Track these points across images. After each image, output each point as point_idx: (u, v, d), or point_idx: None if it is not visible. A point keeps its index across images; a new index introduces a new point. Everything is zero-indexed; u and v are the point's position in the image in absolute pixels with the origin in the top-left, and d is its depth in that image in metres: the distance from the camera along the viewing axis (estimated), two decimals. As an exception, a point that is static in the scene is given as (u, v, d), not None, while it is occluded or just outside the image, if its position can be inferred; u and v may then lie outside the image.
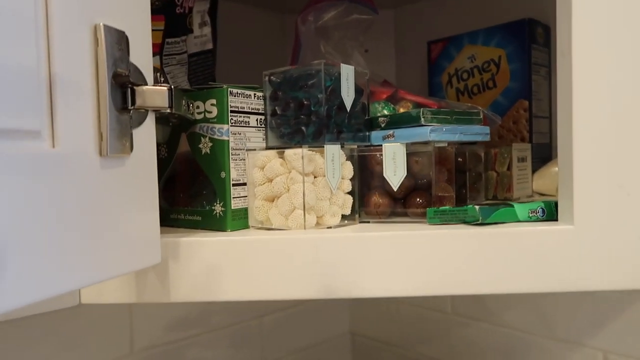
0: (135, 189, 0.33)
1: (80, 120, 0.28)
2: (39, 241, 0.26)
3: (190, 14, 0.52)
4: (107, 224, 0.31)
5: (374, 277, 0.36)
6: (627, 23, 0.34)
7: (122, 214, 0.32)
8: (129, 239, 0.33)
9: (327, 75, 0.41)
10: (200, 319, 0.76)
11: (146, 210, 0.34)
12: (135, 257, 0.34)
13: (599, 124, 0.34)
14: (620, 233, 0.34)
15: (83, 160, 0.29)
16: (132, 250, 0.33)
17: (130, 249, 0.33)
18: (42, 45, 0.26)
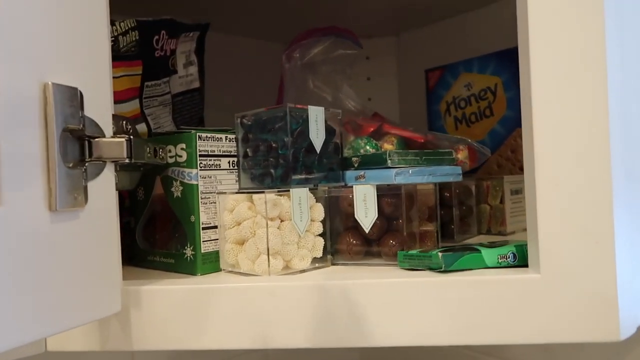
0: (93, 240, 0.34)
1: (28, 178, 0.29)
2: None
3: (173, 55, 0.53)
4: (62, 275, 0.31)
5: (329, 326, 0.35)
6: (587, 66, 0.33)
7: (78, 265, 0.32)
8: (86, 289, 0.33)
9: (293, 118, 0.41)
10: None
11: (105, 260, 0.35)
12: (94, 307, 0.34)
13: (563, 169, 0.33)
14: (589, 283, 0.32)
15: (32, 217, 0.29)
16: (90, 300, 0.34)
17: (89, 298, 0.34)
18: (-13, 108, 0.27)
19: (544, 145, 0.33)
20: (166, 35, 0.51)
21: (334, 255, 0.44)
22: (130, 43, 0.47)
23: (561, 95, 0.33)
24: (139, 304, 0.37)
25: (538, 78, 0.33)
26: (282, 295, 0.36)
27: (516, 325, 0.33)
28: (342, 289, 0.36)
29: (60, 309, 0.31)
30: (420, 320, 0.34)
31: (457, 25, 0.81)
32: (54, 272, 0.31)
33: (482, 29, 0.77)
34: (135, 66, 0.47)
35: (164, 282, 0.38)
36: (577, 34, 0.33)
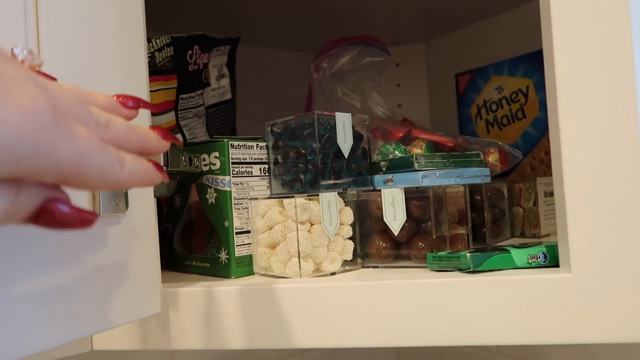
0: (133, 244, 0.35)
1: (73, 186, 0.31)
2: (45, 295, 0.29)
3: (206, 69, 0.55)
4: (106, 277, 0.33)
5: (358, 326, 0.36)
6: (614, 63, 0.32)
7: (120, 267, 0.34)
8: (128, 290, 0.35)
9: (321, 125, 0.42)
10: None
11: (145, 263, 0.37)
12: (135, 308, 0.36)
13: (591, 168, 0.33)
14: (621, 283, 0.32)
15: (77, 222, 0.31)
16: (132, 301, 0.36)
17: (131, 299, 0.35)
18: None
19: (571, 145, 0.33)
20: (199, 50, 0.54)
21: (363, 259, 0.44)
22: (166, 58, 0.49)
23: (588, 94, 0.33)
24: (177, 305, 0.39)
25: (563, 78, 0.33)
26: (313, 296, 0.37)
27: (547, 325, 0.33)
28: (372, 290, 0.36)
29: (105, 308, 0.33)
30: (450, 320, 0.35)
31: (486, 28, 0.80)
32: (98, 274, 0.33)
33: (512, 32, 0.76)
34: (171, 80, 0.50)
35: (200, 285, 0.40)
36: (603, 32, 0.33)
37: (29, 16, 0.29)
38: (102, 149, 0.19)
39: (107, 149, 0.20)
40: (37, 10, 0.30)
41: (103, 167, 0.19)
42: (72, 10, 0.32)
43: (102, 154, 0.19)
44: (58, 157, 0.17)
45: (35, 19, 0.30)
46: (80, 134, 0.18)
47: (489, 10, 0.77)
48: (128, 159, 0.21)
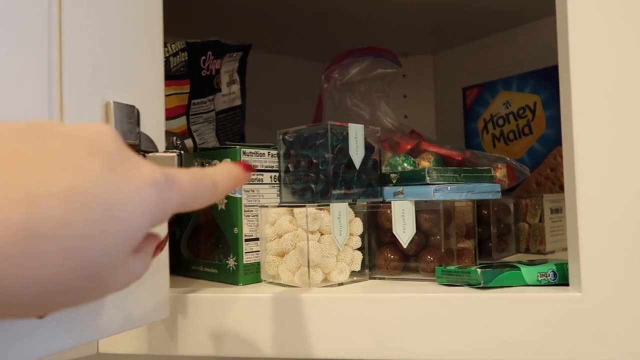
0: (144, 248, 0.35)
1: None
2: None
3: (218, 74, 0.55)
4: (116, 281, 0.33)
5: (367, 338, 0.36)
6: (630, 83, 0.33)
7: (130, 272, 0.34)
8: (137, 294, 0.35)
9: (334, 135, 0.43)
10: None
11: (154, 268, 0.36)
12: (144, 312, 0.36)
13: (604, 188, 0.33)
14: (631, 304, 0.32)
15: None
16: (140, 306, 0.36)
17: (139, 304, 0.35)
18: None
19: (585, 163, 0.33)
20: (212, 56, 0.54)
21: (371, 270, 0.45)
22: (180, 63, 0.49)
23: (603, 113, 0.33)
24: (185, 311, 0.39)
25: (579, 96, 0.34)
26: (321, 306, 0.37)
27: (556, 343, 0.33)
28: (381, 302, 0.36)
29: (114, 313, 0.33)
30: (459, 336, 0.35)
31: (495, 43, 0.81)
32: (109, 277, 0.33)
33: (521, 48, 0.77)
34: (184, 85, 0.50)
35: (209, 291, 0.40)
36: (619, 51, 0.33)
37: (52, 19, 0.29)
38: (202, 187, 0.24)
39: (204, 184, 0.24)
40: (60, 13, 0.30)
41: (205, 199, 0.24)
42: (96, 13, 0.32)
43: (203, 191, 0.24)
44: (174, 210, 0.22)
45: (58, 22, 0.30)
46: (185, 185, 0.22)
47: (498, 26, 0.78)
48: (220, 183, 0.25)
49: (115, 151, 0.20)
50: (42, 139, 0.19)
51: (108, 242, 0.19)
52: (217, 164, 0.45)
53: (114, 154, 0.20)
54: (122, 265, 0.21)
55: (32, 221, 0.17)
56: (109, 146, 0.20)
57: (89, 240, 0.18)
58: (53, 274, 0.17)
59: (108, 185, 0.19)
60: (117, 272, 0.20)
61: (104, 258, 0.19)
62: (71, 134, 0.20)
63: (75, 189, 0.18)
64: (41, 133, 0.19)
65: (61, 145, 0.19)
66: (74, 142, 0.19)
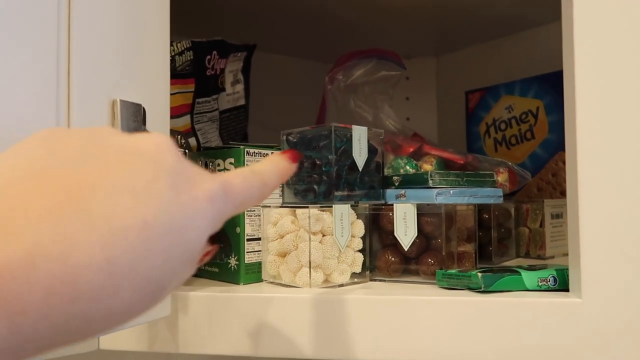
0: (147, 246, 0.36)
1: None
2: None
3: (222, 74, 0.55)
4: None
5: (367, 340, 0.36)
6: (633, 91, 0.33)
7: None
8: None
9: (338, 137, 0.43)
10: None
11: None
12: (145, 310, 0.36)
13: (606, 195, 0.33)
14: (631, 311, 0.32)
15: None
16: (142, 303, 0.36)
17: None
18: (62, 119, 0.30)
19: (587, 169, 0.33)
20: (217, 55, 0.54)
21: (372, 272, 0.45)
22: (185, 62, 0.49)
23: (606, 119, 0.33)
24: (186, 309, 0.39)
25: (583, 102, 0.34)
26: (322, 307, 0.37)
27: (555, 349, 0.33)
28: (381, 304, 0.36)
29: (115, 310, 0.33)
30: (458, 340, 0.35)
31: (498, 48, 0.81)
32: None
33: (524, 53, 0.77)
34: (189, 84, 0.50)
35: (210, 290, 0.40)
36: (624, 57, 0.33)
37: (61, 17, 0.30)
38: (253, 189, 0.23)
39: (254, 186, 0.24)
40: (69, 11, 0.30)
41: (255, 200, 0.24)
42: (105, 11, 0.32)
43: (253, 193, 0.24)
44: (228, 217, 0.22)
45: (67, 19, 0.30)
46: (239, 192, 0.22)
47: (501, 31, 0.78)
48: (269, 180, 0.25)
49: (177, 168, 0.20)
50: (105, 158, 0.18)
51: (175, 265, 0.19)
52: (221, 163, 0.45)
53: (177, 172, 0.19)
54: (180, 280, 0.21)
55: (113, 258, 0.16)
56: (170, 162, 0.20)
57: (160, 268, 0.18)
58: (126, 305, 0.17)
59: (176, 210, 0.18)
60: (174, 287, 0.21)
61: (170, 280, 0.19)
62: (132, 150, 0.19)
63: (150, 220, 0.17)
64: (102, 150, 0.19)
65: (127, 166, 0.18)
66: (138, 162, 0.19)
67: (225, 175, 0.22)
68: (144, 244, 0.17)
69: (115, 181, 0.17)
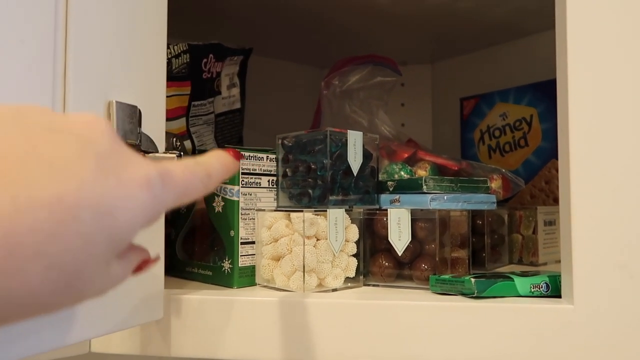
0: (141, 248, 0.36)
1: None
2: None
3: (218, 77, 0.56)
4: (111, 280, 0.33)
5: (360, 344, 0.36)
6: (627, 99, 0.33)
7: (125, 271, 0.34)
8: (131, 294, 0.35)
9: (333, 142, 0.43)
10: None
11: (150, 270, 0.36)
12: (138, 312, 0.36)
13: (599, 202, 0.33)
14: (622, 317, 0.32)
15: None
16: (135, 306, 0.36)
17: (133, 304, 0.35)
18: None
19: (580, 177, 0.34)
20: (213, 59, 0.54)
21: (366, 276, 0.45)
22: (182, 65, 0.50)
23: (599, 127, 0.34)
24: (179, 312, 0.39)
25: (576, 110, 0.34)
26: (315, 311, 0.37)
27: (547, 355, 0.33)
28: (374, 309, 0.37)
29: (107, 312, 0.33)
30: (451, 345, 0.35)
31: (493, 55, 0.82)
32: (104, 276, 0.33)
33: (518, 60, 0.77)
34: (185, 86, 0.50)
35: (204, 293, 0.40)
36: (617, 66, 0.34)
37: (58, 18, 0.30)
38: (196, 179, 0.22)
39: (198, 176, 0.22)
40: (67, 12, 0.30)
41: (199, 191, 0.23)
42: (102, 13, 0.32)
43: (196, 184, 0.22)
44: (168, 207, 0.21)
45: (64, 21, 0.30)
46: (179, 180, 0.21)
47: (496, 39, 0.79)
48: (214, 172, 0.24)
49: (108, 149, 0.18)
50: (31, 132, 0.17)
51: (95, 254, 0.17)
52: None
53: (108, 153, 0.18)
54: (104, 272, 0.19)
55: (15, 235, 0.15)
56: (102, 143, 0.18)
57: (75, 253, 0.16)
58: (32, 290, 0.16)
59: (101, 192, 0.17)
60: (97, 279, 0.19)
61: (89, 269, 0.17)
62: (62, 127, 0.18)
63: (66, 198, 0.16)
64: (29, 124, 0.17)
65: (52, 141, 0.17)
66: (66, 139, 0.17)
67: (166, 163, 0.21)
68: (57, 224, 0.15)
69: (36, 152, 0.16)
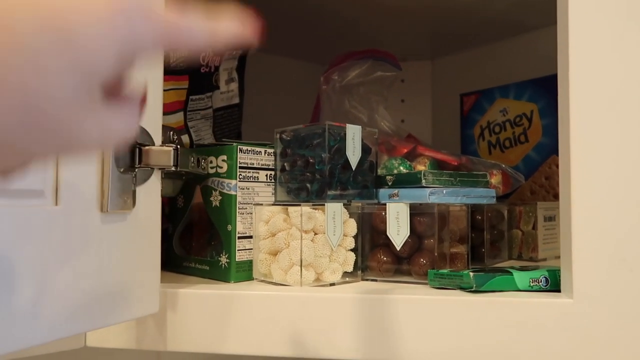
0: (137, 242, 0.35)
1: (83, 181, 0.31)
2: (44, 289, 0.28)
3: (217, 72, 0.55)
4: (106, 273, 0.33)
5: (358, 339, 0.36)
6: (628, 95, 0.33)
7: (121, 264, 0.34)
8: (127, 288, 0.35)
9: (331, 136, 0.43)
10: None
11: (146, 262, 0.36)
12: (133, 306, 0.36)
13: (599, 197, 0.33)
14: (621, 312, 0.32)
15: (84, 216, 0.31)
16: (130, 299, 0.35)
17: (129, 298, 0.35)
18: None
19: (580, 172, 0.33)
20: (212, 53, 0.54)
21: (364, 271, 0.44)
22: (179, 58, 0.49)
23: (600, 122, 0.33)
24: (175, 307, 0.38)
25: (577, 105, 0.34)
26: (312, 306, 0.37)
27: (545, 348, 0.33)
28: (372, 303, 0.36)
29: (103, 305, 0.33)
30: (449, 339, 0.35)
31: (493, 51, 0.81)
32: (99, 269, 0.32)
33: (519, 56, 0.77)
34: (183, 80, 0.50)
35: (200, 287, 0.40)
36: (618, 61, 0.33)
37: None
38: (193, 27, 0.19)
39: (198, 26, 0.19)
40: None
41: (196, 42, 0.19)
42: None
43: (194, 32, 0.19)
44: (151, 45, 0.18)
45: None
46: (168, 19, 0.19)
47: (497, 34, 0.78)
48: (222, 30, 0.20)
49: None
50: None
51: (59, 77, 0.15)
52: (213, 160, 0.45)
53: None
54: (90, 113, 0.17)
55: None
56: None
57: (31, 73, 0.14)
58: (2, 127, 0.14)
59: (63, 3, 0.15)
60: (84, 120, 0.16)
61: (55, 97, 0.15)
62: None
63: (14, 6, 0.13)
64: None
65: None
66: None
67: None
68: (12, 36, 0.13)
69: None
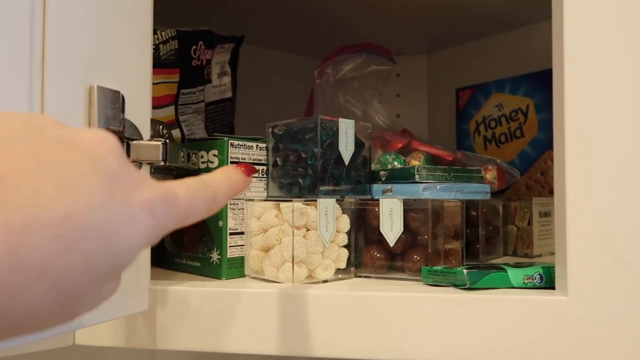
0: (125, 238, 0.35)
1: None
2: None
3: (209, 65, 0.54)
4: (94, 271, 0.32)
5: (350, 336, 0.35)
6: (623, 90, 0.32)
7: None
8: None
9: (324, 130, 0.42)
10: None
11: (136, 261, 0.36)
12: (122, 304, 0.35)
13: (594, 193, 0.33)
14: (617, 309, 0.32)
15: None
16: (119, 297, 0.35)
17: (117, 296, 0.34)
18: (35, 106, 0.29)
19: (575, 167, 0.33)
20: (203, 46, 0.53)
21: (357, 268, 0.44)
22: (170, 51, 0.48)
23: (595, 117, 0.33)
24: (165, 304, 0.38)
25: (571, 100, 0.33)
26: (304, 303, 0.36)
27: (540, 346, 0.33)
28: (365, 300, 0.36)
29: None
30: (443, 337, 0.34)
31: (489, 46, 0.81)
32: (87, 267, 0.32)
33: (515, 51, 0.76)
34: (173, 74, 0.49)
35: (190, 284, 0.39)
36: (613, 56, 0.33)
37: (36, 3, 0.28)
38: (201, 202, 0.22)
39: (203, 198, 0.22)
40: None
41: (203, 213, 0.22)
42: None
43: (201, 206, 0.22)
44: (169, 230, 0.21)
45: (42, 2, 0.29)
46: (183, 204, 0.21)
47: (492, 29, 0.77)
48: (220, 193, 0.23)
49: (116, 169, 0.18)
50: (41, 146, 0.16)
51: (97, 275, 0.17)
52: (204, 155, 0.44)
53: (116, 174, 0.18)
54: (97, 292, 0.19)
55: (21, 252, 0.14)
56: (110, 161, 0.18)
57: (77, 275, 0.16)
58: (30, 310, 0.15)
59: (108, 213, 0.17)
60: (90, 299, 0.18)
61: (88, 292, 0.17)
62: (72, 142, 0.18)
63: (74, 218, 0.15)
64: (40, 137, 0.17)
65: (60, 156, 0.17)
66: (73, 154, 0.17)
67: (171, 184, 0.21)
68: (62, 243, 0.15)
69: (44, 167, 0.16)
